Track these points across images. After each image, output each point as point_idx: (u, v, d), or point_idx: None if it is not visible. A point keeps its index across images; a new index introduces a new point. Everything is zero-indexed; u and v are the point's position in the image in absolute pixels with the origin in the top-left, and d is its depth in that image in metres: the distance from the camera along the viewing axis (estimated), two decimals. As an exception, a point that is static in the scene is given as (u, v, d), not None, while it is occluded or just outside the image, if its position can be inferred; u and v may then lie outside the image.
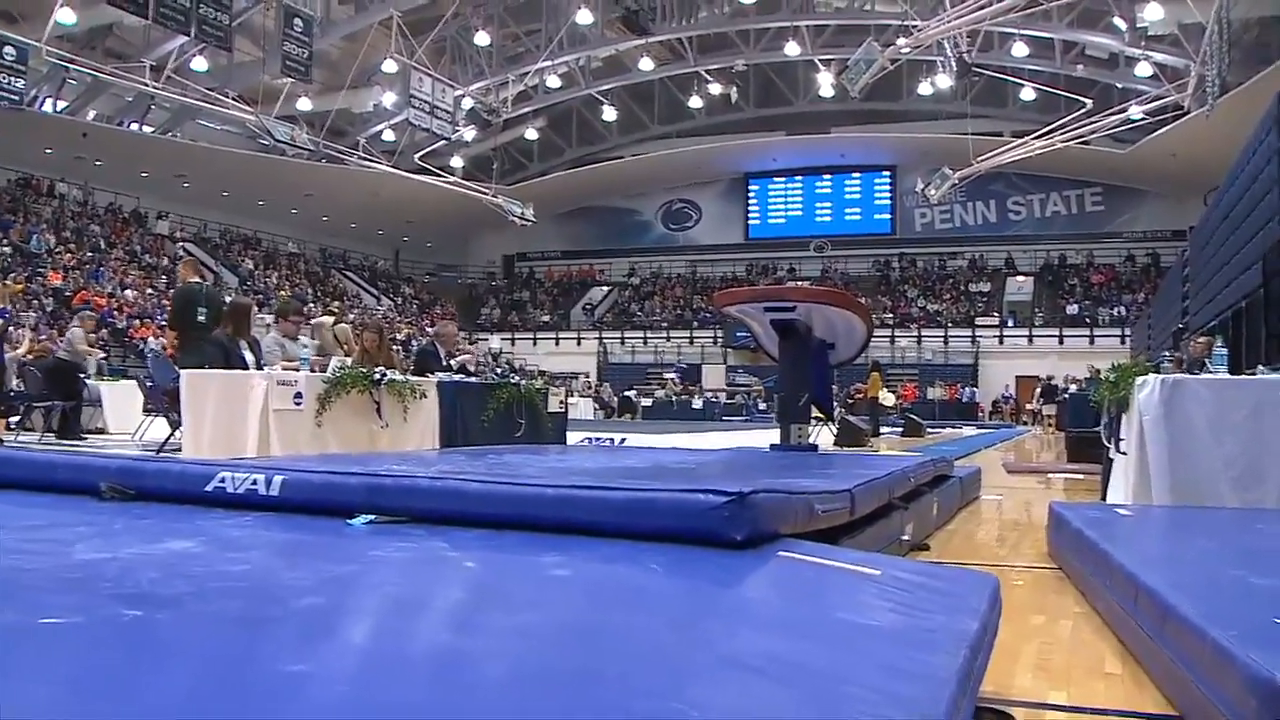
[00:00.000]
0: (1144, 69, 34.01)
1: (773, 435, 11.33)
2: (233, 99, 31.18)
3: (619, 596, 2.44)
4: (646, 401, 39.31)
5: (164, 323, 24.12)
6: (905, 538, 5.05)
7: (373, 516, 3.19)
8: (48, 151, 34.83)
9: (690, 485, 2.99)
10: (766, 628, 2.22)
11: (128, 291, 32.54)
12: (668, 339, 48.89)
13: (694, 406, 38.16)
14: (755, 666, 1.87)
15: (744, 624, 2.25)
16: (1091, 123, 34.41)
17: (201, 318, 10.68)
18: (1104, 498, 7.11)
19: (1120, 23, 32.27)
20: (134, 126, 36.21)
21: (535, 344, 49.85)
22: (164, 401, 10.60)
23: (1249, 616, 2.50)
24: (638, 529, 2.89)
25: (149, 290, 33.16)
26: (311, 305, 31.07)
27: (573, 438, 12.63)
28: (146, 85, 29.14)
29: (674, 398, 39.83)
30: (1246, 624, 2.38)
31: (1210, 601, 2.72)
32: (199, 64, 31.46)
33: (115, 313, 30.59)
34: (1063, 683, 2.96)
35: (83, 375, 15.96)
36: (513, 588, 2.50)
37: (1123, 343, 39.58)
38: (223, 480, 3.52)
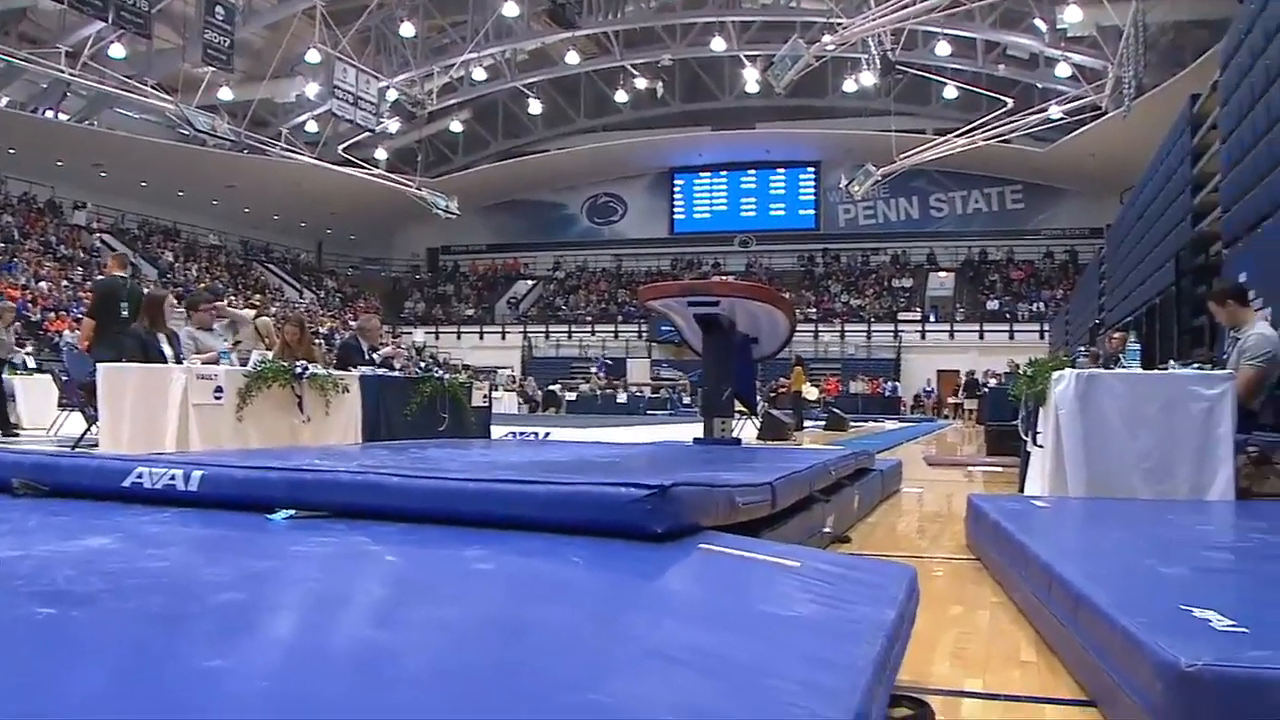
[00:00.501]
0: (1063, 70, 34.58)
1: (695, 429, 11.36)
2: (152, 87, 30.64)
3: (540, 590, 2.44)
4: (571, 396, 39.22)
5: (80, 314, 23.67)
6: (826, 530, 5.09)
7: (293, 511, 3.17)
8: (-43, 139, 33.95)
9: (613, 479, 3.00)
10: (687, 620, 2.24)
11: (42, 284, 31.86)
12: (593, 333, 48.88)
13: (619, 401, 38.12)
14: (676, 658, 1.88)
15: (665, 616, 2.26)
16: (1012, 122, 34.90)
17: (125, 312, 10.48)
18: (1022, 490, 7.21)
19: (1041, 24, 32.82)
20: (49, 114, 35.36)
21: (459, 338, 49.62)
22: (80, 396, 10.40)
23: (1158, 604, 2.55)
24: (560, 523, 2.89)
25: (64, 282, 32.51)
26: (233, 296, 30.61)
27: (497, 432, 12.57)
28: (62, 72, 28.56)
29: (599, 392, 39.80)
30: (1155, 612, 2.43)
31: (1121, 591, 2.77)
32: (117, 51, 30.85)
33: (29, 305, 29.93)
34: (979, 671, 3.01)
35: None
36: (434, 582, 2.49)
37: (1042, 338, 40.27)
38: (140, 476, 3.47)
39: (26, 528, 3.03)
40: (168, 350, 9.18)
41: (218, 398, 8.11)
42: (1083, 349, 9.53)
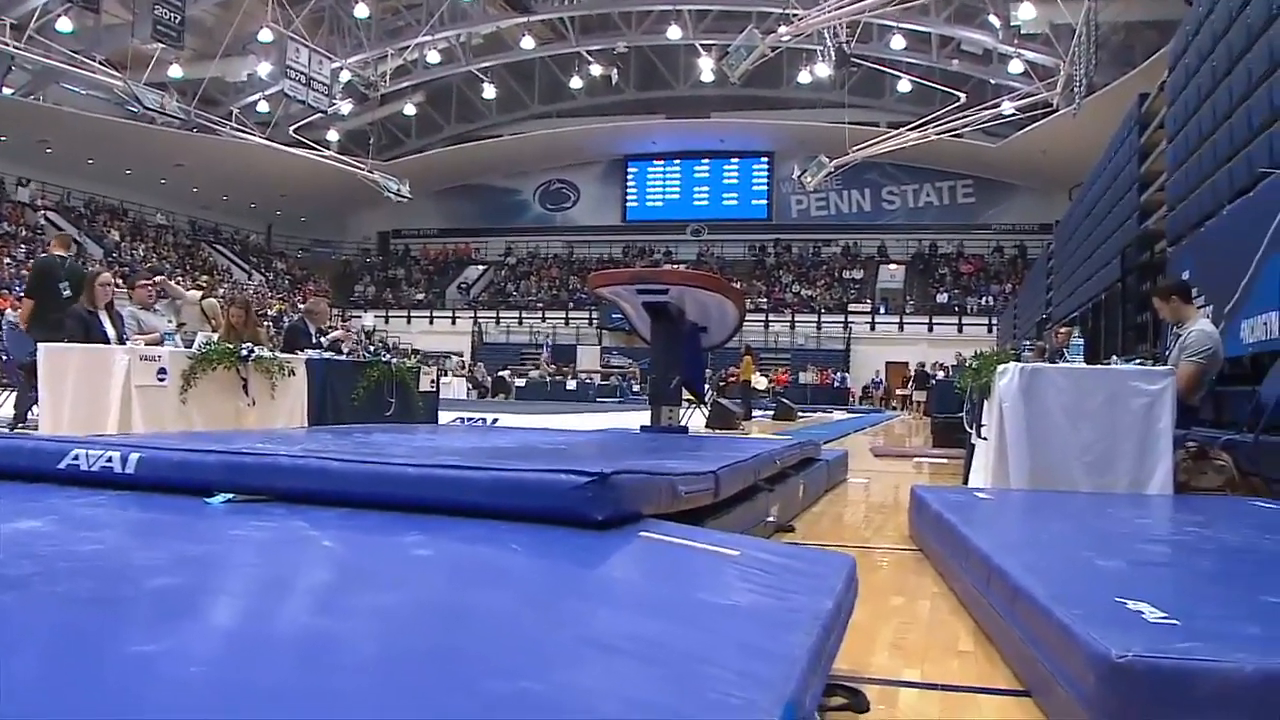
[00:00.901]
0: (1016, 66, 34.92)
1: (644, 417, 11.38)
2: (100, 63, 30.25)
3: (479, 576, 2.43)
4: (521, 382, 39.14)
5: (22, 294, 23.36)
6: (771, 519, 5.10)
7: (232, 495, 3.13)
8: (-103, 112, 33.32)
9: (556, 466, 2.99)
10: (626, 608, 2.23)
11: (-15, 260, 31.44)
12: (543, 319, 48.80)
13: (568, 388, 38.08)
14: (613, 646, 1.88)
15: (604, 604, 2.26)
16: (965, 116, 35.22)
17: (66, 292, 10.33)
18: (966, 482, 7.28)
19: (995, 20, 33.08)
20: (-8, 88, 34.91)
21: (409, 322, 49.38)
22: (20, 376, 10.25)
23: (1093, 597, 2.59)
24: (500, 509, 2.88)
25: (7, 260, 32.01)
26: (180, 277, 30.26)
27: (445, 417, 12.52)
28: (8, 45, 28.11)
29: (548, 378, 39.75)
30: (1090, 604, 2.46)
31: (1059, 583, 2.81)
32: (64, 24, 30.44)
33: (-30, 282, 29.50)
34: (918, 661, 3.03)
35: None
36: (373, 567, 2.47)
37: (990, 331, 40.62)
38: (76, 458, 3.41)
39: (-43, 509, 2.98)
40: (110, 330, 9.06)
41: (161, 379, 8.00)
42: (1028, 343, 9.59)
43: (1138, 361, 6.42)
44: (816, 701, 1.93)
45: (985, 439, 6.43)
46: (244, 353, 8.65)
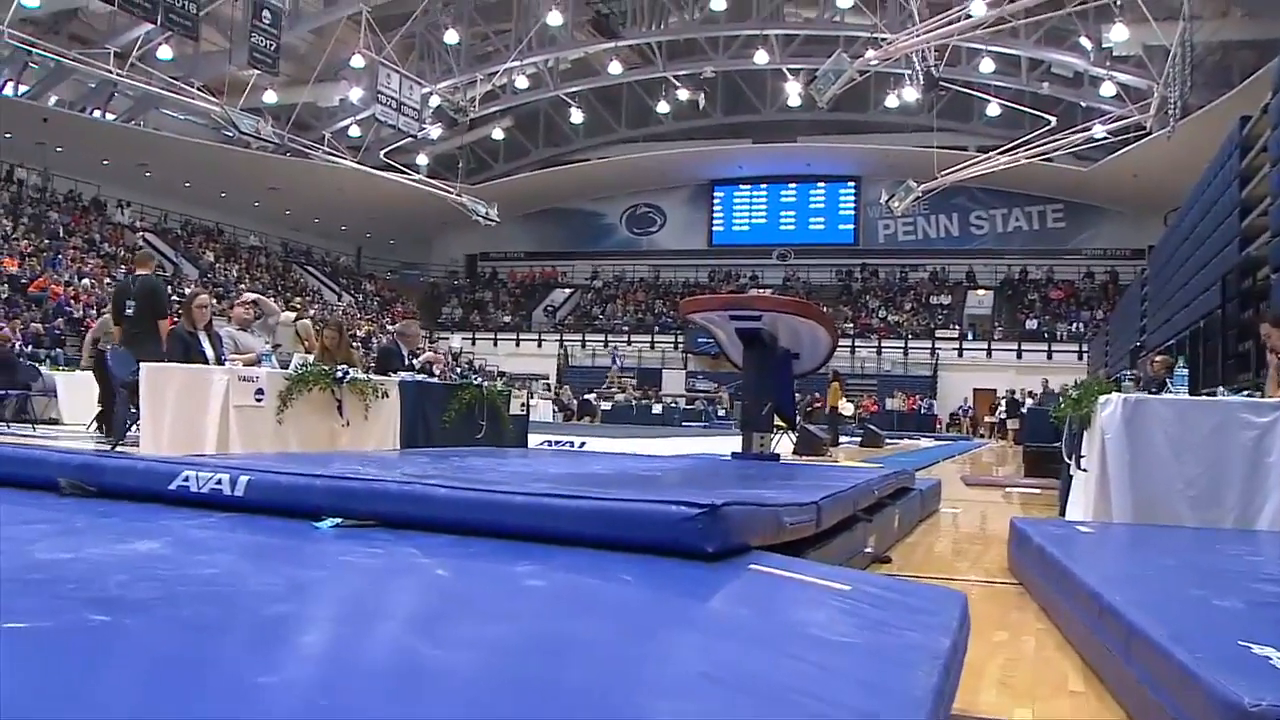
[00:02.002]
0: (1108, 89, 34.39)
1: (732, 442, 11.32)
2: (198, 89, 30.92)
3: (592, 607, 2.42)
4: (606, 405, 39.26)
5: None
6: (868, 550, 5.05)
7: (340, 520, 3.16)
8: (7, 136, 34.33)
9: (658, 495, 2.98)
10: (739, 642, 2.21)
11: (85, 280, 32.14)
12: (629, 343, 48.85)
13: (653, 411, 38.14)
14: (728, 681, 1.86)
15: (717, 638, 2.24)
16: (1055, 140, 34.74)
17: (129, 311, 10.60)
18: (1063, 513, 7.15)
19: (1086, 42, 32.60)
20: (96, 113, 35.82)
21: (496, 344, 49.70)
22: (122, 393, 10.49)
23: (1215, 638, 2.51)
24: (608, 538, 2.87)
25: (107, 280, 32.73)
26: (273, 298, 30.73)
27: (533, 440, 12.59)
28: (110, 72, 28.84)
29: (633, 402, 39.82)
30: (1213, 646, 2.39)
31: (1174, 622, 2.73)
32: (164, 52, 31.21)
33: (72, 301, 30.20)
34: (1027, 700, 2.96)
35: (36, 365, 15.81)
36: (485, 596, 2.48)
37: (1080, 359, 39.97)
38: (186, 479, 3.48)
39: (75, 528, 3.04)
40: (209, 351, 9.24)
41: (259, 400, 8.14)
42: (1129, 372, 9.44)
43: (1244, 392, 6.28)
44: (941, 744, 1.90)
45: (1085, 470, 6.32)
46: (339, 374, 8.77)
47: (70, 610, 1.98)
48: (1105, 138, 34.50)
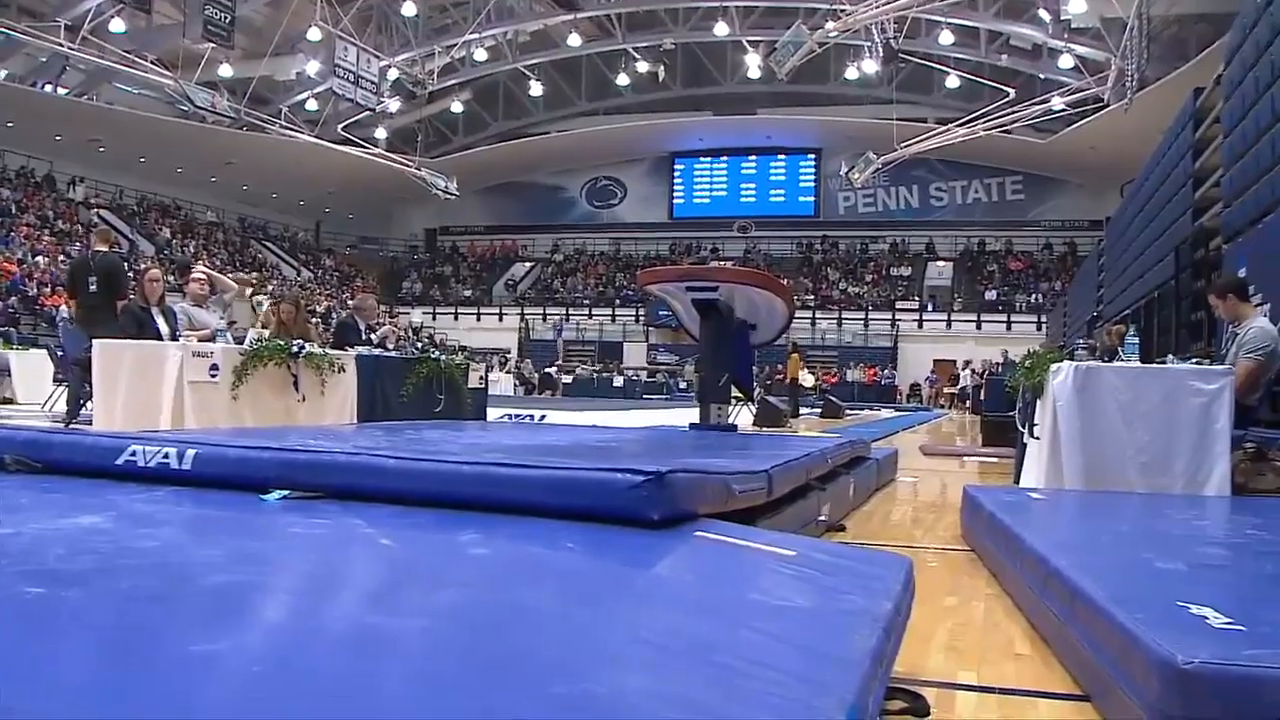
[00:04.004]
0: (1066, 61, 34.59)
1: (692, 414, 11.35)
2: (151, 63, 30.55)
3: (536, 575, 2.42)
4: (568, 379, 39.24)
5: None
6: (822, 519, 5.08)
7: (287, 492, 3.14)
8: (-45, 111, 33.81)
9: (609, 464, 2.98)
10: (683, 609, 2.22)
11: (39, 258, 31.76)
12: (589, 316, 48.77)
13: (615, 384, 38.16)
14: (672, 647, 1.87)
15: (662, 604, 2.25)
16: (1014, 112, 34.90)
17: (92, 287, 10.48)
18: (1017, 481, 7.21)
19: (1045, 14, 32.71)
20: (48, 88, 35.28)
21: (457, 319, 49.51)
22: (74, 371, 10.38)
23: (1155, 600, 2.54)
24: (555, 507, 2.87)
25: (61, 257, 32.35)
26: (229, 274, 30.46)
27: (493, 414, 12.56)
28: (61, 45, 28.47)
29: (594, 375, 39.82)
30: (1152, 607, 2.42)
31: (1118, 585, 2.76)
32: (117, 25, 30.73)
33: (26, 280, 29.86)
34: (974, 663, 3.00)
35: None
36: (429, 565, 2.48)
37: (1039, 329, 40.27)
38: (134, 454, 3.45)
39: (18, 504, 3.01)
40: (163, 327, 9.16)
41: (213, 376, 8.07)
42: (1081, 341, 9.51)
43: (1194, 361, 6.33)
44: (879, 705, 1.92)
45: (1038, 438, 6.36)
46: (295, 349, 8.71)
47: (8, 584, 1.96)
48: (1064, 110, 34.73)
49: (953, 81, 38.85)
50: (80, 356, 9.79)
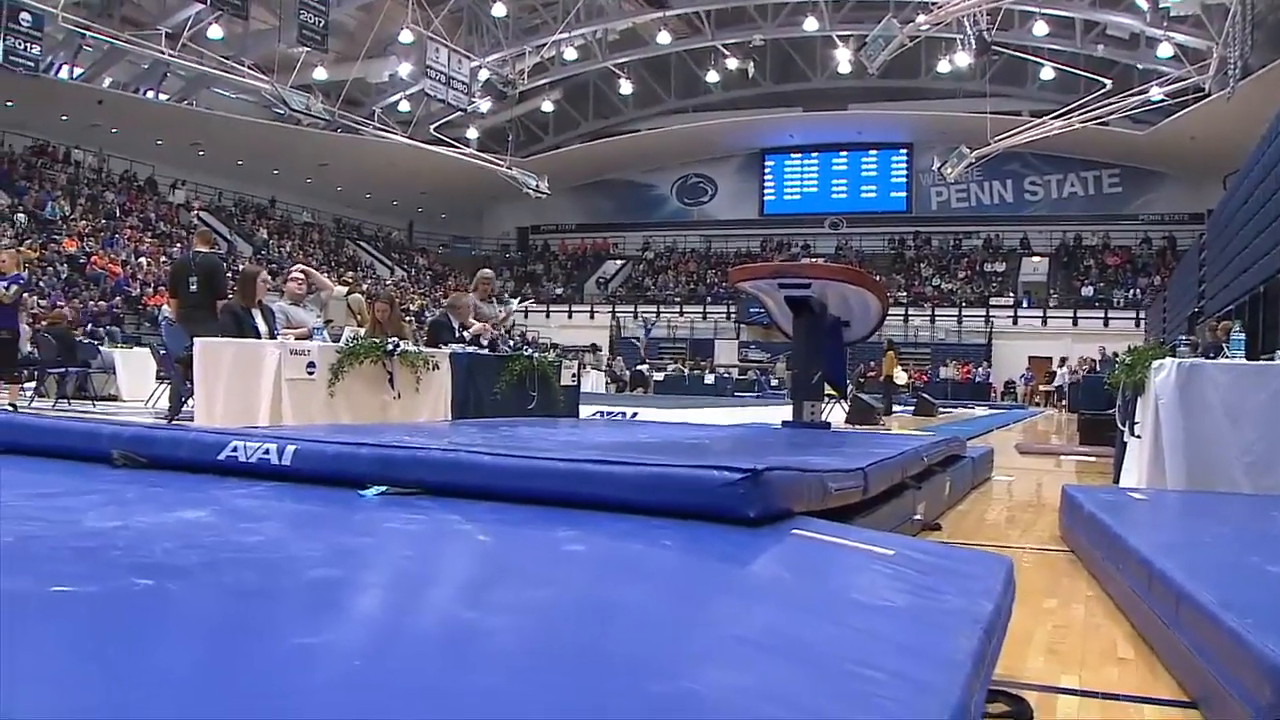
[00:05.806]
0: (1165, 50, 33.76)
1: (784, 412, 11.30)
2: (248, 67, 31.11)
3: (632, 573, 2.43)
4: (659, 376, 39.24)
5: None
6: (917, 517, 5.03)
7: (385, 488, 3.18)
8: (63, 119, 34.78)
9: (704, 461, 2.97)
10: (781, 607, 2.21)
11: (142, 259, 32.54)
12: (681, 313, 48.72)
13: (706, 382, 38.06)
14: (770, 646, 1.86)
15: (758, 603, 2.24)
16: (1111, 103, 34.22)
17: (193, 287, 10.69)
18: (1117, 481, 7.08)
19: (1142, 2, 32.00)
20: (149, 94, 36.19)
21: (548, 316, 49.70)
22: (176, 369, 10.61)
23: (1265, 604, 2.48)
24: (650, 504, 2.87)
25: (163, 258, 33.12)
26: (326, 274, 30.94)
27: (585, 411, 12.61)
28: (162, 53, 29.11)
29: (686, 372, 39.76)
30: (1262, 611, 2.36)
31: (1225, 588, 2.69)
32: (215, 32, 31.36)
33: (130, 280, 30.62)
34: (1075, 667, 2.94)
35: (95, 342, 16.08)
36: (526, 562, 2.49)
37: (1137, 325, 39.39)
38: (235, 449, 3.52)
39: (125, 499, 3.08)
40: (262, 326, 9.33)
41: (310, 373, 8.21)
42: (1183, 338, 9.29)
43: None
44: (981, 708, 1.89)
45: (1139, 437, 6.24)
46: (390, 347, 8.82)
47: (116, 576, 2.01)
48: (1163, 100, 33.93)
49: (1047, 73, 38.18)
50: (182, 355, 10.01)
